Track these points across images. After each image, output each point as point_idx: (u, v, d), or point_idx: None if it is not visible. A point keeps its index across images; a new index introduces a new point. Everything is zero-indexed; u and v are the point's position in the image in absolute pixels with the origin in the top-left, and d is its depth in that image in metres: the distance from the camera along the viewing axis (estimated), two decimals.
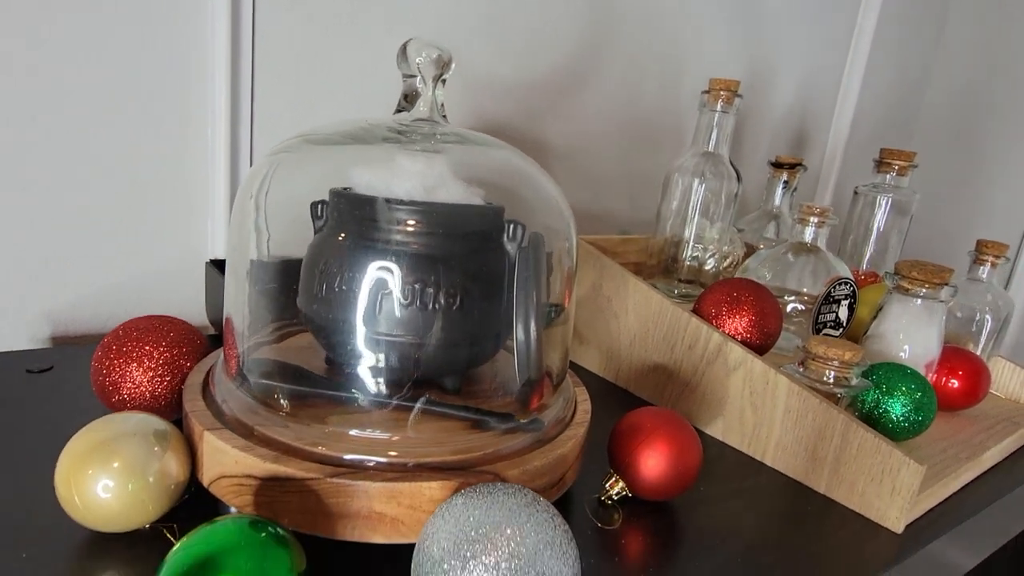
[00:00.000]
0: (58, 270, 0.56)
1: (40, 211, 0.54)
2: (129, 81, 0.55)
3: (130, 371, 0.41)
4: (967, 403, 0.59)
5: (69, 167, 0.54)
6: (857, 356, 0.48)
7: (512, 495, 0.28)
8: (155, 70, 0.56)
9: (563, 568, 0.27)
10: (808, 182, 1.24)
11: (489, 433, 0.37)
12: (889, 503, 0.43)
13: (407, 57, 0.38)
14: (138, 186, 0.58)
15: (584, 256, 0.65)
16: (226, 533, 0.27)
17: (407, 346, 0.37)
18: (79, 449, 0.32)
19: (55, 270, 0.56)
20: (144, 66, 0.55)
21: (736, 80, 0.62)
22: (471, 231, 0.39)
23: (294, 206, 0.40)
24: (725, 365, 0.52)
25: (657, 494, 0.42)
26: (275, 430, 0.34)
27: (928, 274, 0.54)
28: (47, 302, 0.56)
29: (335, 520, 0.32)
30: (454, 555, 0.26)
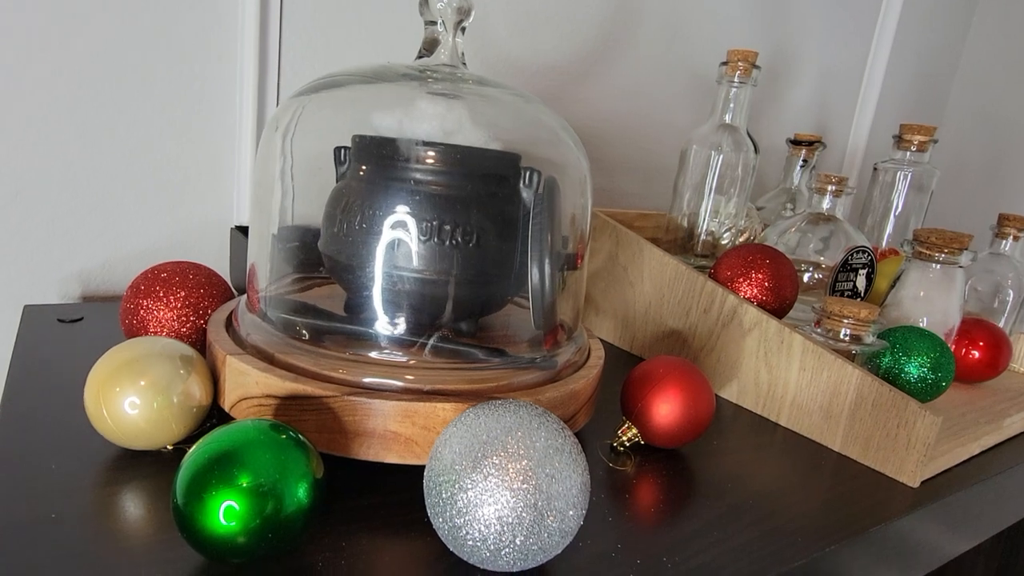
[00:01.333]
0: (89, 233, 0.58)
1: (72, 176, 0.56)
2: (158, 49, 0.57)
3: (156, 310, 0.42)
4: (988, 374, 0.58)
5: (99, 134, 0.56)
6: (873, 314, 0.48)
7: (523, 406, 0.29)
8: (184, 43, 0.58)
9: (572, 474, 0.28)
10: (834, 166, 1.23)
11: (504, 368, 0.37)
12: (905, 456, 0.43)
13: (428, 4, 0.39)
14: (167, 154, 0.59)
15: (600, 227, 0.65)
16: (246, 431, 0.28)
17: (424, 282, 0.38)
18: (108, 366, 0.34)
19: (87, 233, 0.58)
20: (172, 42, 0.57)
21: (754, 51, 0.63)
22: (488, 174, 0.40)
23: (316, 149, 0.41)
24: (740, 327, 0.53)
25: (668, 441, 0.42)
26: (296, 356, 0.35)
27: (946, 240, 0.54)
28: (78, 263, 0.58)
29: (351, 439, 0.33)
30: (465, 457, 0.27)
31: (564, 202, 0.42)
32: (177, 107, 0.59)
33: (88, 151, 0.56)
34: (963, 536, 0.46)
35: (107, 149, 0.57)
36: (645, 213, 0.73)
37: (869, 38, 1.18)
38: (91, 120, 0.56)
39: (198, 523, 0.26)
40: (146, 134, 0.58)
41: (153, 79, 0.57)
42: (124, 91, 0.56)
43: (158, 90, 0.58)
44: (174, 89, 0.58)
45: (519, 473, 0.26)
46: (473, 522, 0.26)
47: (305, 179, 0.41)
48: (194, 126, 0.60)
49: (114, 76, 0.56)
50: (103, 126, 0.56)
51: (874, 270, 0.60)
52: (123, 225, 0.59)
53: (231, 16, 0.59)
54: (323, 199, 0.40)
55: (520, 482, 0.26)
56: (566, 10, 0.79)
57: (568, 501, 0.27)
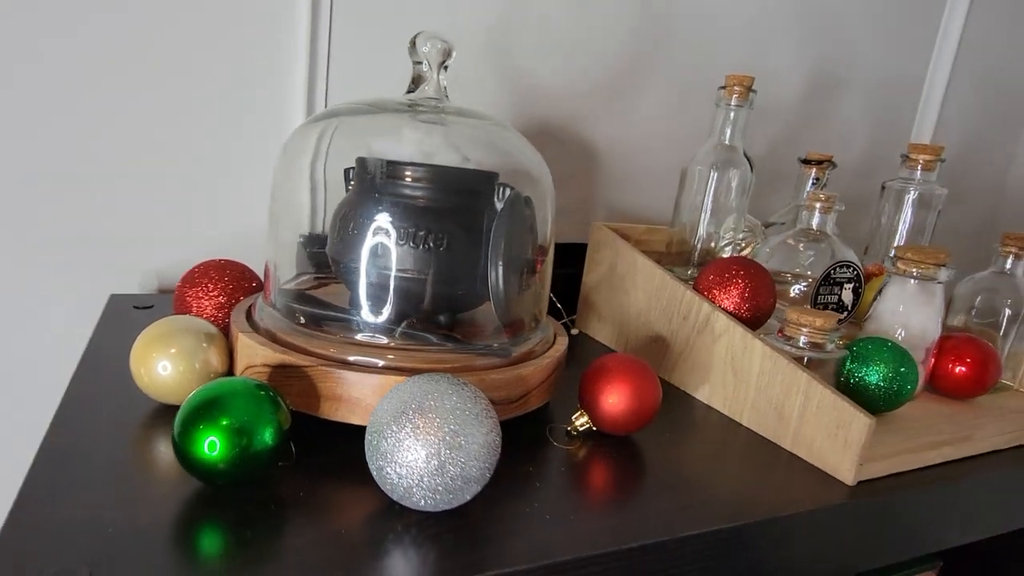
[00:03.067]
0: (166, 236, 0.69)
1: (152, 187, 0.68)
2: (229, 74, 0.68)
3: (197, 298, 0.52)
4: (975, 391, 0.58)
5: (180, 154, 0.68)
6: (829, 323, 0.51)
7: (444, 378, 0.36)
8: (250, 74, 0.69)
9: (476, 433, 0.34)
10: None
11: (464, 352, 0.44)
12: (841, 456, 0.46)
13: (416, 48, 0.47)
14: (239, 170, 0.70)
15: (603, 240, 0.71)
16: (232, 385, 0.36)
17: (402, 279, 0.45)
18: (147, 337, 0.43)
19: (164, 236, 0.69)
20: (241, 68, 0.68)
21: (750, 76, 0.66)
22: (461, 189, 0.47)
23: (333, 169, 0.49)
24: (712, 333, 0.56)
25: (615, 428, 0.47)
26: (292, 336, 0.43)
27: (924, 255, 0.55)
28: (156, 261, 0.70)
29: (323, 401, 0.40)
30: (390, 414, 0.34)
31: (530, 214, 0.48)
32: (243, 126, 0.70)
33: (169, 168, 0.68)
34: (899, 542, 0.48)
35: (185, 165, 0.68)
36: (654, 227, 0.77)
37: (930, 46, 1.16)
38: (173, 141, 0.67)
39: (189, 452, 0.34)
40: (224, 155, 0.69)
41: (225, 99, 0.69)
42: (198, 113, 0.68)
43: (229, 110, 0.69)
44: (241, 110, 0.69)
45: (428, 428, 0.33)
46: (391, 464, 0.33)
47: (320, 195, 0.50)
48: (256, 144, 0.71)
49: (188, 97, 0.67)
50: (184, 147, 0.68)
51: (861, 285, 0.62)
52: (193, 229, 0.70)
53: (288, 36, 0.70)
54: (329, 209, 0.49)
55: (427, 435, 0.33)
56: (594, 38, 0.85)
57: (470, 454, 0.33)
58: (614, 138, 0.91)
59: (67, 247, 0.66)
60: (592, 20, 0.85)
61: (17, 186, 0.63)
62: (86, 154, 0.65)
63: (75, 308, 0.67)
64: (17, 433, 0.67)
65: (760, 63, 0.99)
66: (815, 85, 1.07)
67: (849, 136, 1.14)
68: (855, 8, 1.05)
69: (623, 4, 0.86)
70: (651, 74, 0.91)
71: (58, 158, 0.64)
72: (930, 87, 1.18)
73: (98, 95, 0.64)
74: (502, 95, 0.82)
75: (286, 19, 0.68)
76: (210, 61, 0.67)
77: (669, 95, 0.93)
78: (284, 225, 0.51)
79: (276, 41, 0.69)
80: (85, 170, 0.65)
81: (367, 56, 0.73)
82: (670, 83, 0.92)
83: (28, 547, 0.30)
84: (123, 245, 0.68)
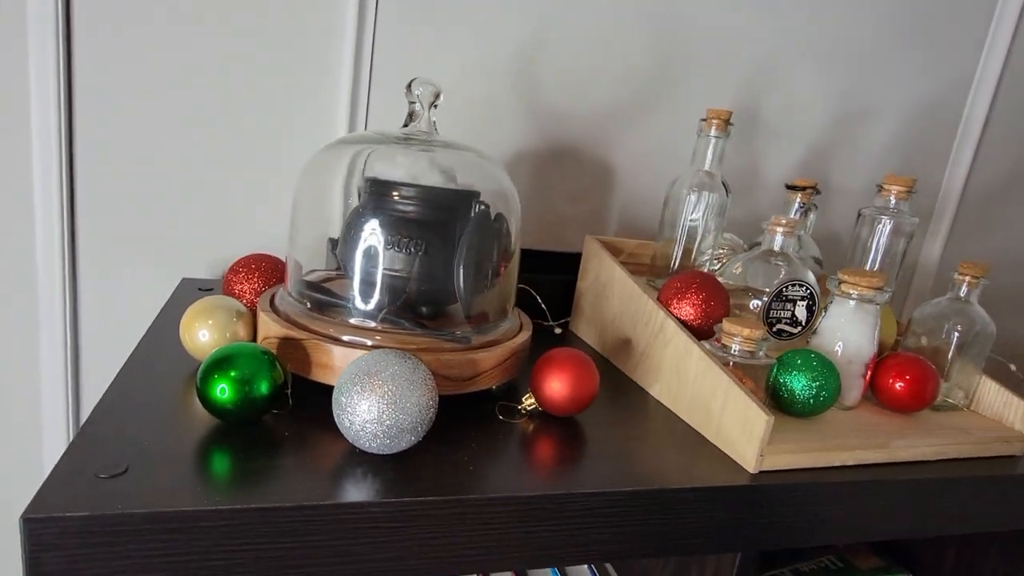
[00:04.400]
0: (230, 228, 0.84)
1: (221, 187, 0.83)
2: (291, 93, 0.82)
3: (239, 283, 0.65)
4: (914, 406, 0.63)
5: (242, 159, 0.83)
6: (757, 333, 0.58)
7: (393, 353, 0.46)
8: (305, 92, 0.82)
9: (411, 395, 0.44)
10: (926, 207, 1.22)
11: (431, 337, 0.55)
12: (747, 447, 0.53)
13: (411, 90, 0.58)
14: (282, 180, 0.84)
15: (592, 252, 0.79)
16: (241, 347, 0.48)
17: (389, 277, 0.56)
18: (192, 311, 0.56)
19: (228, 228, 0.84)
20: (296, 87, 0.82)
21: (728, 110, 0.73)
22: (440, 205, 0.57)
23: (337, 183, 0.61)
24: (664, 338, 0.64)
25: (556, 410, 0.56)
26: (301, 317, 0.56)
27: (862, 279, 0.61)
28: (222, 251, 0.84)
29: (314, 367, 0.52)
30: (349, 375, 0.45)
31: (497, 227, 0.58)
32: (295, 144, 0.84)
33: (232, 177, 0.83)
34: (797, 529, 0.54)
35: (245, 175, 0.83)
36: (644, 243, 0.85)
37: (972, 67, 1.17)
38: (237, 156, 0.82)
39: (206, 395, 0.46)
40: (276, 166, 0.84)
41: (277, 122, 0.82)
42: (255, 133, 0.82)
43: (281, 131, 0.83)
44: (291, 132, 0.83)
45: (372, 388, 0.44)
46: (345, 414, 0.44)
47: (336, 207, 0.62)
48: (305, 159, 0.84)
49: (247, 121, 0.82)
50: (245, 160, 0.82)
51: (815, 302, 0.68)
52: (249, 227, 0.85)
53: (335, 65, 0.83)
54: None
55: (371, 392, 0.44)
56: (612, 64, 0.94)
57: (404, 410, 0.44)
58: (629, 157, 0.99)
59: (152, 240, 0.82)
60: (611, 47, 0.93)
61: (116, 193, 0.79)
62: (168, 166, 0.80)
63: (154, 287, 0.83)
64: (105, 383, 0.84)
65: (783, 88, 1.04)
66: (843, 112, 1.10)
67: (879, 165, 1.17)
68: (887, 35, 1.08)
69: (642, 31, 0.94)
70: (668, 98, 0.98)
71: (147, 171, 0.80)
72: (969, 115, 1.18)
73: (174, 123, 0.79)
74: (523, 115, 0.92)
75: (333, 51, 0.82)
76: (267, 91, 0.81)
77: (686, 118, 1.00)
78: (300, 231, 0.63)
79: (322, 70, 0.82)
80: (167, 179, 0.80)
81: (402, 82, 0.86)
82: (687, 106, 1.00)
83: (88, 453, 0.43)
84: (194, 238, 0.83)
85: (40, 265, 0.78)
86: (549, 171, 0.96)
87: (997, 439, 0.63)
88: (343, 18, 0.81)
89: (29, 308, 0.80)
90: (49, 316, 0.80)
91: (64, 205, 0.77)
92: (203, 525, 0.39)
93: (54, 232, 0.77)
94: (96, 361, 0.84)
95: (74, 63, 0.75)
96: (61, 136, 0.75)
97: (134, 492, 0.39)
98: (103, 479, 0.40)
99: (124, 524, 0.37)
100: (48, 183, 0.76)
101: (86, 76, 0.75)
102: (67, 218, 0.78)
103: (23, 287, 0.79)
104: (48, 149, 0.75)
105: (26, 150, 0.75)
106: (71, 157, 0.77)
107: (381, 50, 0.83)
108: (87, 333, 0.83)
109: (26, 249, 0.78)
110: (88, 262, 0.81)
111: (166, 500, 0.39)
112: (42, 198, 0.76)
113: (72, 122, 0.76)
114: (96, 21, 0.74)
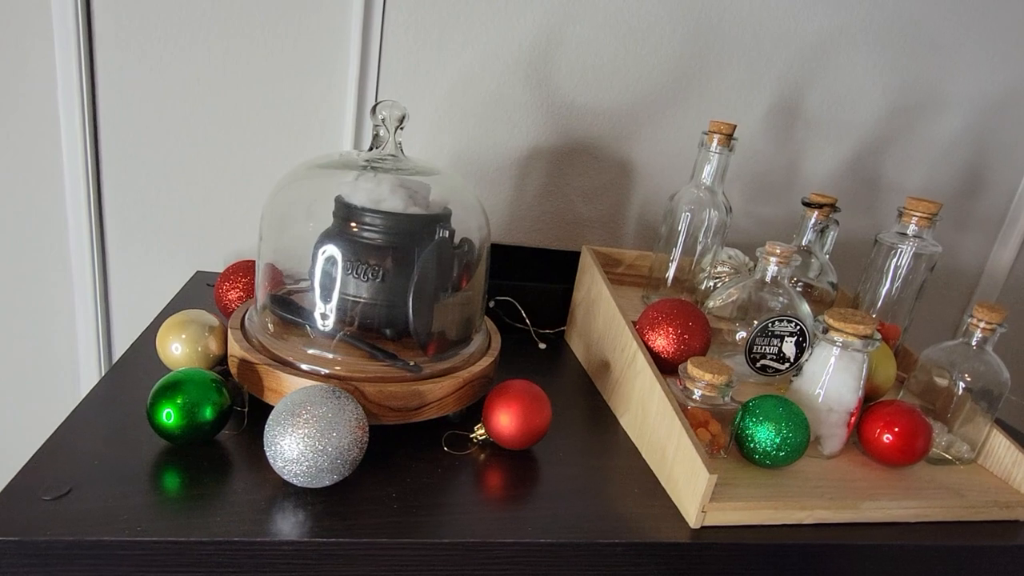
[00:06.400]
0: (242, 225, 0.87)
1: (236, 187, 0.86)
2: (294, 101, 0.83)
3: (228, 290, 0.68)
4: (902, 460, 0.59)
5: (257, 165, 0.85)
6: (721, 379, 0.55)
7: (323, 390, 0.47)
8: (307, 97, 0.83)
9: (333, 436, 0.45)
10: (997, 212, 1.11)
11: (381, 364, 0.56)
12: (691, 501, 0.51)
13: (376, 114, 0.58)
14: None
15: (587, 263, 0.77)
16: (189, 373, 0.50)
17: (349, 302, 0.57)
18: (167, 324, 0.59)
19: (240, 225, 0.87)
20: (302, 93, 0.83)
21: (732, 124, 0.68)
22: (399, 231, 0.57)
23: (304, 208, 0.62)
24: (634, 369, 0.62)
25: (505, 443, 0.56)
26: (263, 335, 0.58)
27: (849, 322, 0.56)
28: (235, 245, 0.88)
29: (266, 391, 0.54)
30: (279, 410, 0.47)
31: (459, 253, 0.58)
32: (302, 150, 0.85)
33: (247, 176, 0.85)
34: None
35: (257, 179, 0.86)
36: (644, 253, 0.82)
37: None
38: (253, 163, 0.85)
39: (154, 419, 0.49)
40: (285, 161, 0.86)
41: (285, 132, 0.84)
42: (266, 140, 0.84)
43: (289, 139, 0.85)
44: (298, 139, 0.85)
45: (296, 427, 0.45)
46: (271, 449, 0.46)
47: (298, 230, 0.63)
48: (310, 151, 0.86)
49: (257, 130, 0.84)
50: (257, 165, 0.85)
51: (807, 340, 0.63)
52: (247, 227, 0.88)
53: (340, 79, 0.83)
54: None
55: (294, 430, 0.45)
56: (636, 58, 0.89)
57: (326, 453, 0.45)
58: (651, 155, 0.95)
59: (173, 233, 0.86)
60: (636, 40, 0.88)
61: (139, 190, 0.84)
62: (187, 168, 0.84)
63: (173, 277, 0.88)
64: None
65: (831, 77, 0.96)
66: (901, 103, 1.00)
67: (941, 162, 1.06)
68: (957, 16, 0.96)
69: (669, 21, 0.88)
70: (696, 94, 0.92)
71: (169, 173, 0.83)
72: None
73: (191, 127, 0.82)
74: (537, 109, 0.89)
75: (340, 62, 0.82)
76: (277, 97, 0.82)
77: (714, 114, 0.94)
78: (263, 258, 0.63)
79: (328, 86, 0.82)
80: (188, 180, 0.84)
81: (410, 88, 0.85)
82: (716, 102, 0.93)
83: (41, 471, 0.47)
84: (210, 234, 0.87)
85: (72, 257, 0.85)
86: (566, 168, 0.93)
87: (994, 503, 0.58)
88: (348, 17, 0.80)
89: (66, 299, 0.87)
90: (83, 305, 0.87)
91: (91, 203, 0.82)
92: (124, 554, 0.42)
93: (82, 227, 0.83)
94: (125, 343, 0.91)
95: (97, 76, 0.78)
96: (87, 141, 0.80)
97: (71, 515, 0.43)
98: (46, 501, 0.44)
99: (51, 550, 0.41)
100: (76, 181, 0.81)
101: (109, 92, 0.79)
102: (95, 216, 0.83)
103: (57, 277, 0.86)
104: (74, 153, 0.80)
105: (56, 159, 0.81)
106: (97, 162, 0.82)
107: (389, 46, 0.82)
108: (118, 324, 0.90)
109: (58, 244, 0.85)
110: (116, 257, 0.87)
111: (97, 526, 0.42)
112: (72, 196, 0.82)
113: (97, 128, 0.81)
114: (117, 38, 0.77)
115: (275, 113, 0.83)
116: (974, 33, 0.98)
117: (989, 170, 1.10)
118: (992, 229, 1.14)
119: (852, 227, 1.05)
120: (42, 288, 0.87)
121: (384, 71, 0.84)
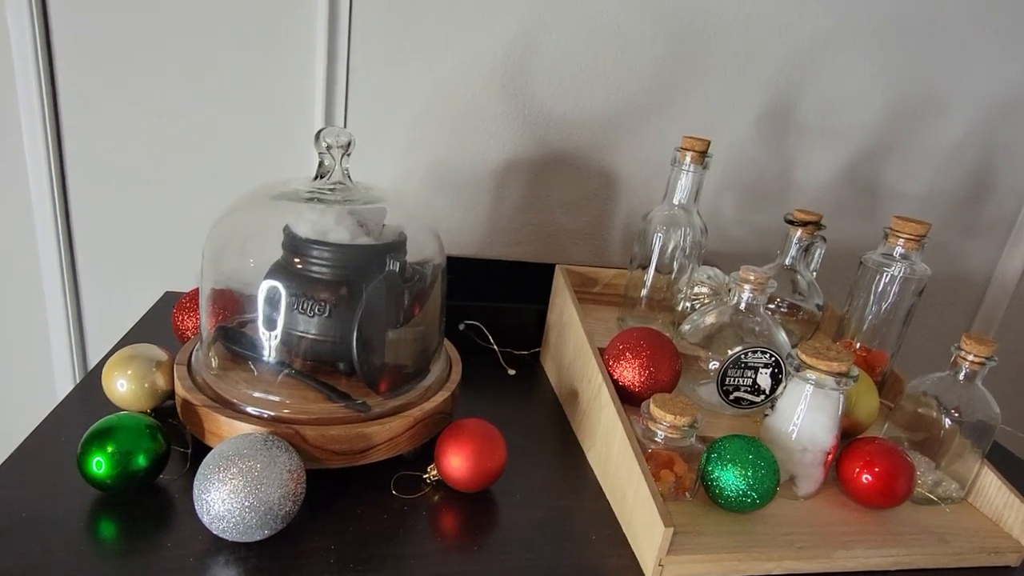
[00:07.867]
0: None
1: (207, 205, 0.84)
2: (266, 117, 0.81)
3: (185, 319, 0.66)
4: (882, 502, 0.55)
5: (230, 180, 0.83)
6: (684, 420, 0.52)
7: (255, 440, 0.45)
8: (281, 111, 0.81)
9: (263, 492, 0.43)
10: (1007, 217, 1.06)
11: (330, 403, 0.53)
12: (647, 550, 0.48)
13: (320, 140, 0.55)
14: None
15: (559, 285, 0.74)
16: (122, 419, 0.49)
17: (296, 338, 0.55)
18: (113, 360, 0.57)
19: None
20: (273, 110, 0.81)
21: (706, 140, 0.64)
22: (348, 263, 0.54)
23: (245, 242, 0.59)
24: (599, 402, 0.59)
25: (458, 485, 0.54)
26: (206, 373, 0.56)
27: (822, 358, 0.53)
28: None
29: (207, 434, 0.52)
30: (210, 460, 0.44)
31: (411, 284, 0.55)
32: (268, 163, 0.83)
33: (217, 195, 0.83)
34: None
35: (228, 193, 0.83)
36: (621, 271, 0.78)
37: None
38: (225, 178, 0.82)
39: (83, 468, 0.47)
40: (255, 185, 0.83)
41: (254, 149, 0.82)
42: (235, 159, 0.82)
43: (259, 157, 0.82)
44: (268, 158, 0.82)
45: (224, 481, 0.43)
46: (199, 501, 0.44)
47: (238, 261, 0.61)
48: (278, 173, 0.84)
49: (225, 149, 0.81)
50: (232, 185, 0.83)
51: (782, 371, 0.60)
52: None
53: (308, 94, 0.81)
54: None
55: (221, 485, 0.43)
56: (617, 66, 0.85)
57: (254, 509, 0.43)
58: (635, 165, 0.91)
59: (142, 253, 0.85)
60: (617, 45, 0.84)
61: (108, 210, 0.82)
62: (156, 186, 0.82)
63: (142, 298, 0.86)
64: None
65: (825, 78, 0.91)
66: (902, 105, 0.95)
67: (945, 165, 1.01)
68: (961, 11, 0.91)
69: (651, 25, 0.84)
70: (680, 101, 0.89)
71: (137, 191, 0.82)
72: None
73: (157, 150, 0.80)
74: (514, 119, 0.86)
75: (307, 77, 0.79)
76: (244, 122, 0.80)
77: (701, 121, 0.90)
78: (208, 281, 0.61)
79: (298, 103, 0.80)
80: (159, 200, 0.82)
81: (382, 101, 0.82)
82: (703, 108, 0.89)
83: None
84: (180, 249, 0.85)
85: (44, 277, 0.83)
86: (546, 179, 0.90)
87: (981, 550, 0.54)
88: (313, 29, 0.77)
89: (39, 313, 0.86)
90: (55, 323, 0.86)
91: (59, 226, 0.81)
92: None
93: (51, 252, 0.82)
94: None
95: (59, 96, 0.76)
96: (50, 154, 0.78)
97: None
98: None
99: None
100: (43, 202, 0.80)
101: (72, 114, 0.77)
102: (63, 238, 0.82)
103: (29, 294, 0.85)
104: (39, 168, 0.78)
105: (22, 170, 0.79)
106: (63, 175, 0.80)
107: (358, 58, 0.79)
108: (92, 343, 0.89)
109: (30, 265, 0.83)
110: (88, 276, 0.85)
111: None
112: (40, 215, 0.80)
113: (62, 149, 0.79)
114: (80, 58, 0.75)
115: (245, 132, 0.81)
116: (976, 33, 0.93)
117: (995, 173, 1.04)
118: (1001, 234, 1.08)
119: (851, 235, 1.01)
120: (14, 312, 0.86)
121: (353, 86, 0.81)
